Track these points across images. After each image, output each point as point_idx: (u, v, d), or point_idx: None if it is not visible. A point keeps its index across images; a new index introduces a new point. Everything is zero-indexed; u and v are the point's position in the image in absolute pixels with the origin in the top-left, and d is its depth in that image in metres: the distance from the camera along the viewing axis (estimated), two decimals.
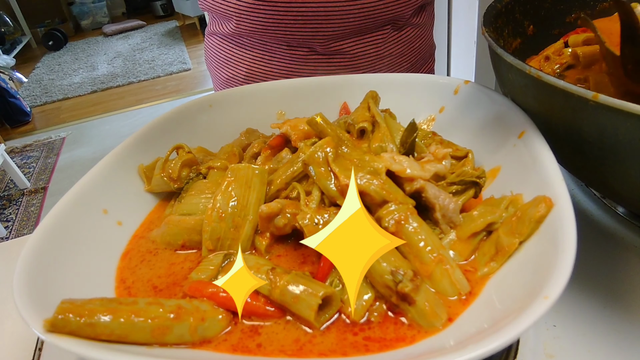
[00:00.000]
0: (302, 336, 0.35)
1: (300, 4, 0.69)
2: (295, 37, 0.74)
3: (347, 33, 0.74)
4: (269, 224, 0.43)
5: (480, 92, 0.53)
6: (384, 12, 0.73)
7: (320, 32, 0.73)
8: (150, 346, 0.34)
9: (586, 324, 0.40)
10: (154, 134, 0.57)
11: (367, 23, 0.73)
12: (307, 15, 0.70)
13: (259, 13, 0.73)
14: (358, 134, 0.49)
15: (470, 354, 0.26)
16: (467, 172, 0.43)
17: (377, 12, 0.72)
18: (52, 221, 0.42)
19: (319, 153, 0.42)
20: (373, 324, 0.35)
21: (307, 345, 0.34)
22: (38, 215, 2.46)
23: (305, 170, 0.44)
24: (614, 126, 0.34)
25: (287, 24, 0.72)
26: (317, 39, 0.74)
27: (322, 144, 0.42)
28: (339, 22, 0.72)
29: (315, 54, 0.77)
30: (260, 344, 0.35)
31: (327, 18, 0.71)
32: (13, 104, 3.44)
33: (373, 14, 0.72)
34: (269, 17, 0.72)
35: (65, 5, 5.84)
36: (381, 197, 0.39)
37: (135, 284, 0.43)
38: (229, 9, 0.76)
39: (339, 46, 0.76)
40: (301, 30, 0.73)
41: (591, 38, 0.54)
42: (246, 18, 0.75)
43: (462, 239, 0.40)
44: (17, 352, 0.46)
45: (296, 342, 0.35)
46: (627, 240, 0.46)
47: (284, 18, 0.72)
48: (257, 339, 0.35)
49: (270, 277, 0.37)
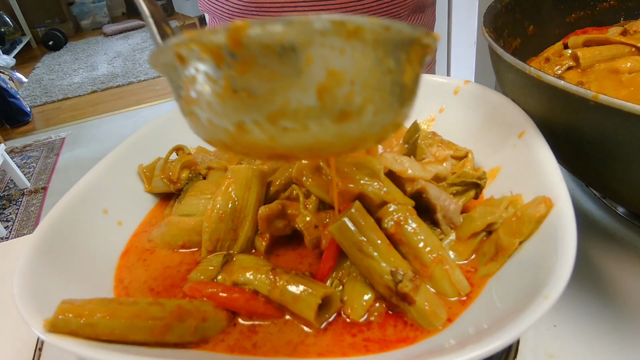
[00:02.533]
0: (302, 336, 0.35)
1: (293, 7, 0.70)
2: None
3: None
4: (269, 225, 0.43)
5: (480, 92, 0.53)
6: (377, 14, 0.73)
7: None
8: (150, 346, 0.34)
9: (586, 324, 0.40)
10: (154, 134, 0.57)
11: None
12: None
13: (252, 17, 0.73)
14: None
15: (470, 354, 0.26)
16: (468, 173, 0.43)
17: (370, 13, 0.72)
18: (52, 221, 0.42)
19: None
20: (373, 324, 0.35)
21: (306, 345, 0.34)
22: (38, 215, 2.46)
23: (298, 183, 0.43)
24: (614, 126, 0.34)
25: None
26: None
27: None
28: None
29: None
30: (258, 344, 0.35)
31: None
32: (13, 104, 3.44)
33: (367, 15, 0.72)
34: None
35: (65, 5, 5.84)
36: (380, 199, 0.39)
37: (132, 283, 0.43)
38: (225, 12, 0.76)
39: None
40: None
41: (591, 39, 0.55)
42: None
43: (462, 240, 0.40)
44: (17, 352, 0.46)
45: (295, 342, 0.35)
46: (627, 240, 0.46)
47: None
48: (254, 339, 0.35)
49: (270, 278, 0.37)
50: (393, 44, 0.25)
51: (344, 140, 0.26)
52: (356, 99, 0.25)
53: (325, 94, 0.24)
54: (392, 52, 0.26)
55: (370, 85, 0.25)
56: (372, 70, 0.25)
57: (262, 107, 0.24)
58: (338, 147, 0.27)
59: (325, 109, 0.25)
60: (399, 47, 0.26)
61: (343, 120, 0.25)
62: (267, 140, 0.26)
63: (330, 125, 0.25)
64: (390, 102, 0.27)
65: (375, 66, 0.25)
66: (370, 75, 0.25)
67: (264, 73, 0.24)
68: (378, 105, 0.26)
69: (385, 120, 0.27)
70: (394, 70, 0.26)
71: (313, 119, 0.25)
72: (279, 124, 0.25)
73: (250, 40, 0.23)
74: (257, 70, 0.24)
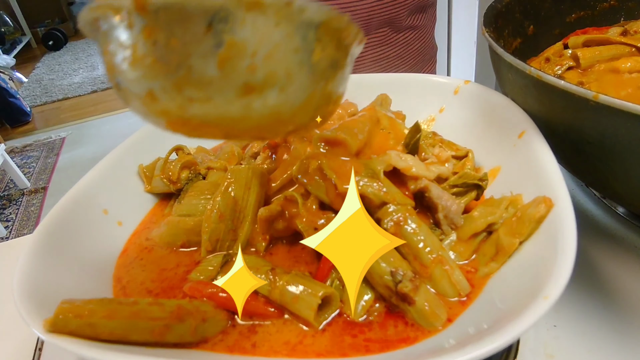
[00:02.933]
0: (301, 336, 0.35)
1: None
2: None
3: None
4: (269, 226, 0.43)
5: (480, 92, 0.53)
6: (378, 14, 0.73)
7: None
8: (150, 346, 0.34)
9: (586, 324, 0.40)
10: (154, 134, 0.57)
11: (362, 25, 0.73)
12: None
13: None
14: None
15: (470, 354, 0.26)
16: (469, 174, 0.43)
17: (371, 14, 0.72)
18: (52, 221, 0.42)
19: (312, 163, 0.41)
20: (373, 325, 0.35)
21: (305, 345, 0.34)
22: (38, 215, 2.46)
23: (298, 183, 0.43)
24: (614, 126, 0.34)
25: None
26: None
27: (311, 156, 0.41)
28: None
29: None
30: (257, 344, 0.35)
31: None
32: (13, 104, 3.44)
33: (367, 16, 0.72)
34: None
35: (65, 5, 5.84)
36: (380, 199, 0.39)
37: (130, 283, 0.42)
38: None
39: None
40: None
41: (591, 40, 0.55)
42: None
43: (462, 240, 0.40)
44: (17, 352, 0.46)
45: (294, 342, 0.35)
46: (627, 240, 0.46)
47: None
48: (254, 339, 0.35)
49: (270, 278, 0.37)
50: (298, 21, 0.26)
51: (255, 116, 0.27)
52: (258, 72, 0.25)
53: (226, 64, 0.25)
54: (298, 30, 0.26)
55: (274, 60, 0.25)
56: (275, 45, 0.25)
57: (168, 74, 0.25)
58: (252, 123, 0.28)
59: (227, 79, 0.25)
60: (306, 26, 0.26)
61: (247, 94, 0.26)
62: (177, 110, 0.27)
63: (234, 97, 0.26)
64: (300, 81, 0.27)
65: (279, 42, 0.25)
66: (273, 50, 0.25)
67: (168, 40, 0.25)
68: (283, 82, 0.26)
69: (296, 99, 0.28)
70: (301, 49, 0.26)
71: (216, 90, 0.25)
72: (184, 93, 0.26)
73: (153, 6, 0.24)
74: (161, 36, 0.25)
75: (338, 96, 0.33)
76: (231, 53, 0.25)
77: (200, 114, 0.27)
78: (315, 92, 0.29)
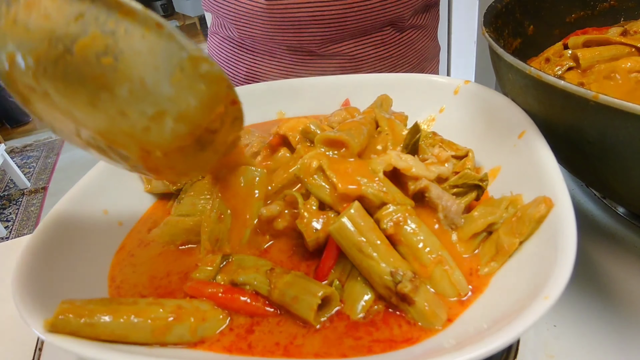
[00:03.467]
0: (300, 336, 0.35)
1: (296, 8, 0.69)
2: (294, 41, 0.75)
3: (345, 35, 0.74)
4: (269, 226, 0.43)
5: (480, 92, 0.53)
6: (381, 14, 0.73)
7: (318, 36, 0.73)
8: (150, 346, 0.34)
9: (586, 324, 0.40)
10: None
11: (365, 25, 0.73)
12: (303, 20, 0.71)
13: (255, 18, 0.73)
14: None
15: (470, 354, 0.26)
16: (470, 175, 0.43)
17: (374, 14, 0.72)
18: (52, 221, 0.42)
19: (313, 163, 0.41)
20: (373, 325, 0.35)
21: (304, 345, 0.34)
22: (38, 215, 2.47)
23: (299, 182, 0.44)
24: (614, 126, 0.34)
25: (285, 29, 0.73)
26: (315, 42, 0.74)
27: (312, 155, 0.42)
28: (336, 25, 0.72)
29: (315, 55, 0.77)
30: (254, 344, 0.35)
31: (324, 21, 0.71)
32: (13, 103, 3.44)
33: (370, 16, 0.72)
34: (266, 22, 0.73)
35: None
36: (379, 199, 0.39)
37: (123, 283, 0.42)
38: (229, 14, 0.76)
39: (338, 48, 0.76)
40: (298, 34, 0.73)
41: (591, 40, 0.55)
42: (245, 23, 0.75)
43: (463, 240, 0.40)
44: (17, 352, 0.46)
45: (293, 342, 0.35)
46: (627, 240, 0.46)
47: (281, 23, 0.72)
48: (250, 338, 0.35)
49: (270, 278, 0.37)
50: (164, 44, 0.29)
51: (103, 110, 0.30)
52: (111, 68, 0.28)
53: (83, 50, 0.28)
54: (163, 51, 0.29)
55: (129, 64, 0.28)
56: (136, 52, 0.28)
57: (26, 40, 0.28)
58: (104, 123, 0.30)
59: (82, 63, 0.28)
60: (173, 52, 0.29)
61: (100, 86, 0.29)
62: (32, 81, 0.29)
63: (85, 85, 0.29)
64: (150, 91, 0.29)
65: (142, 51, 0.28)
66: (133, 56, 0.28)
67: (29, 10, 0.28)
68: (136, 86, 0.29)
69: (148, 109, 0.30)
70: (161, 68, 0.29)
71: (72, 70, 0.29)
72: (37, 76, 0.29)
73: None
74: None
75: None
76: (91, 42, 0.28)
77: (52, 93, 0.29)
78: (166, 111, 0.30)
